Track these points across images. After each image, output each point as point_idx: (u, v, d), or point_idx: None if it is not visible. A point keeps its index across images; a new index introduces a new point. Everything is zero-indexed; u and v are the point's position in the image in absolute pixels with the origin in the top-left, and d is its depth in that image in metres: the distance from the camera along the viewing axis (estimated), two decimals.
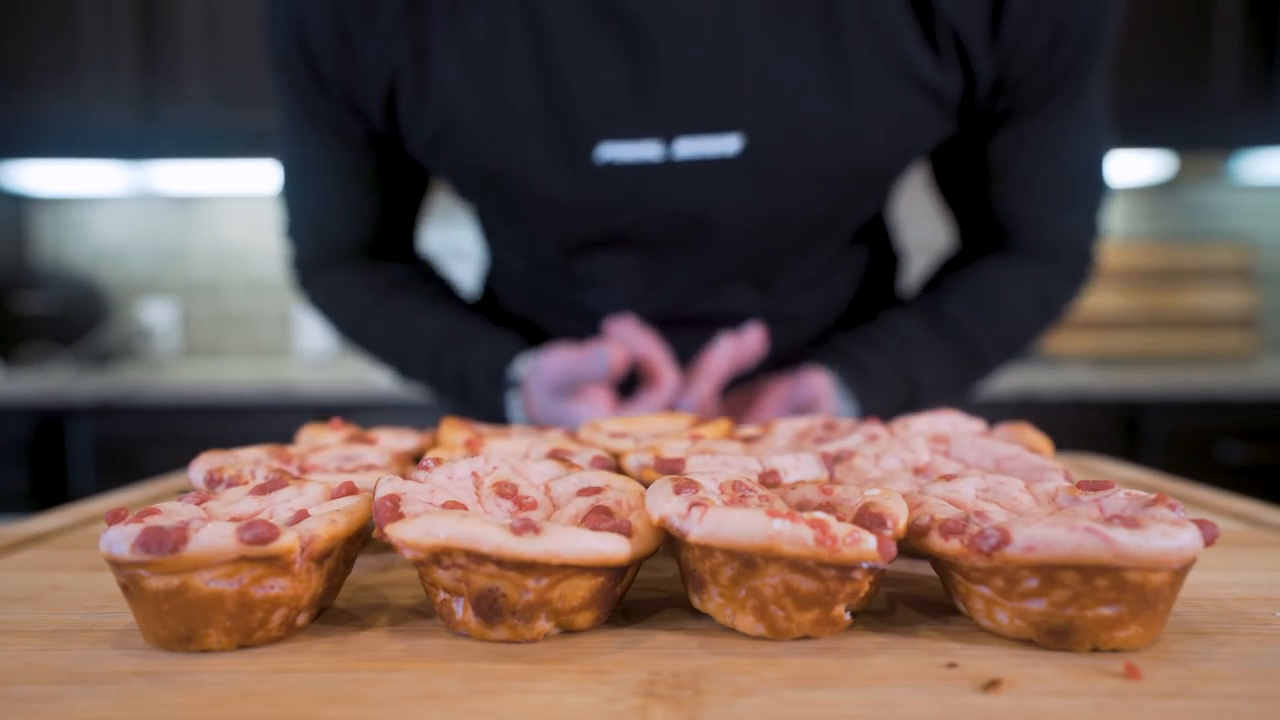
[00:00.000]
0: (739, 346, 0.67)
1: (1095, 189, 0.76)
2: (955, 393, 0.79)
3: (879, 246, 0.84)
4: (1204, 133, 1.91)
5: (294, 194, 0.79)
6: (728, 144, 0.64)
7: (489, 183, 0.69)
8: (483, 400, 0.75)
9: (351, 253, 0.81)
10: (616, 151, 0.64)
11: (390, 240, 0.82)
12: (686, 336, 0.74)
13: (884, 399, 0.71)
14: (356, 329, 0.82)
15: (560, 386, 0.67)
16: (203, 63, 1.92)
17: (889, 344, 0.74)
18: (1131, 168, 2.09)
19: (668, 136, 0.64)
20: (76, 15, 1.89)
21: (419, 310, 0.79)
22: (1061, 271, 0.78)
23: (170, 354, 2.26)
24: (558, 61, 0.63)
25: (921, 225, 1.94)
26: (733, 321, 0.75)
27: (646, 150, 0.64)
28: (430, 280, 0.84)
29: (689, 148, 0.64)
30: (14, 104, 1.91)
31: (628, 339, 0.67)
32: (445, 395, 0.79)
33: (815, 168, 0.65)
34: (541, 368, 0.68)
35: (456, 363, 0.76)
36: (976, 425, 0.50)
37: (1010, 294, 0.77)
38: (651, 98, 0.63)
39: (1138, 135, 1.91)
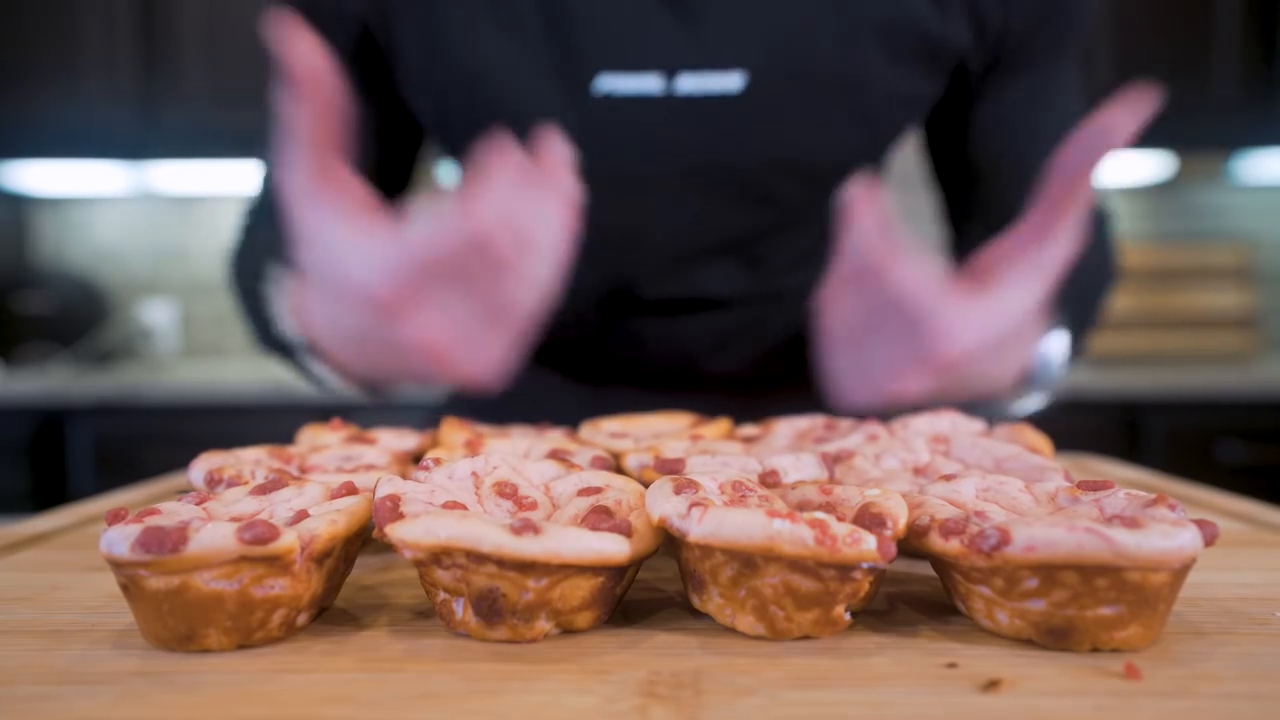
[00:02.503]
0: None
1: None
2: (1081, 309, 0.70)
3: None
4: (1204, 133, 1.91)
5: (271, 131, 0.71)
6: (730, 81, 0.64)
7: (483, 114, 0.67)
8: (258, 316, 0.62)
9: None
10: (616, 83, 0.64)
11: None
12: (668, 320, 0.73)
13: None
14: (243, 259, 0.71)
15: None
16: (203, 63, 1.92)
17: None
18: (1131, 168, 2.09)
19: (670, 71, 0.64)
20: (76, 15, 1.89)
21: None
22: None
23: (170, 354, 2.26)
24: None
25: (915, 225, 1.93)
26: (718, 303, 0.74)
27: (647, 84, 0.64)
28: None
29: (691, 84, 0.64)
30: (14, 104, 1.91)
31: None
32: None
33: (816, 111, 0.66)
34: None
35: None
36: (976, 425, 0.50)
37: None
38: (655, 30, 0.64)
39: (1138, 135, 1.91)
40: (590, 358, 0.79)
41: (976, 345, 0.47)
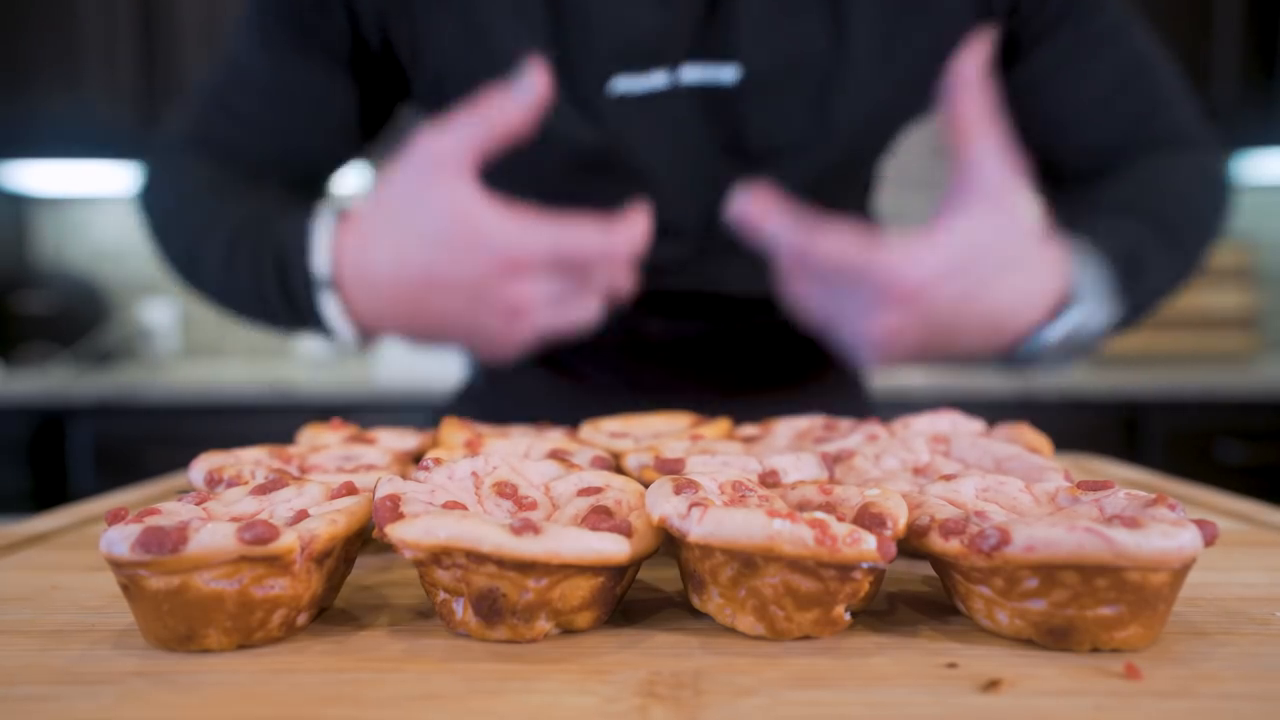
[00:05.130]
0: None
1: (1160, 82, 0.73)
2: (1174, 265, 0.67)
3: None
4: None
5: (217, 91, 0.73)
6: (725, 73, 0.66)
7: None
8: (277, 299, 0.60)
9: (245, 167, 0.72)
10: (629, 84, 0.66)
11: (296, 176, 0.74)
12: (682, 323, 0.75)
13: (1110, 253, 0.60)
14: (171, 216, 0.72)
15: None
16: (203, 63, 1.92)
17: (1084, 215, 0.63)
18: None
19: (674, 64, 0.66)
20: (76, 15, 1.89)
21: (241, 198, 0.66)
22: (1196, 154, 0.72)
23: (170, 354, 2.26)
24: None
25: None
26: (732, 305, 0.75)
27: (655, 80, 0.67)
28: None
29: (692, 74, 0.66)
30: (14, 104, 1.91)
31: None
32: (242, 311, 0.67)
33: (810, 98, 0.67)
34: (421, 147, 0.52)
35: (254, 244, 0.61)
36: (976, 425, 0.50)
37: (1167, 173, 0.69)
38: (661, 28, 0.66)
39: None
40: (594, 358, 0.80)
41: (933, 273, 0.49)
